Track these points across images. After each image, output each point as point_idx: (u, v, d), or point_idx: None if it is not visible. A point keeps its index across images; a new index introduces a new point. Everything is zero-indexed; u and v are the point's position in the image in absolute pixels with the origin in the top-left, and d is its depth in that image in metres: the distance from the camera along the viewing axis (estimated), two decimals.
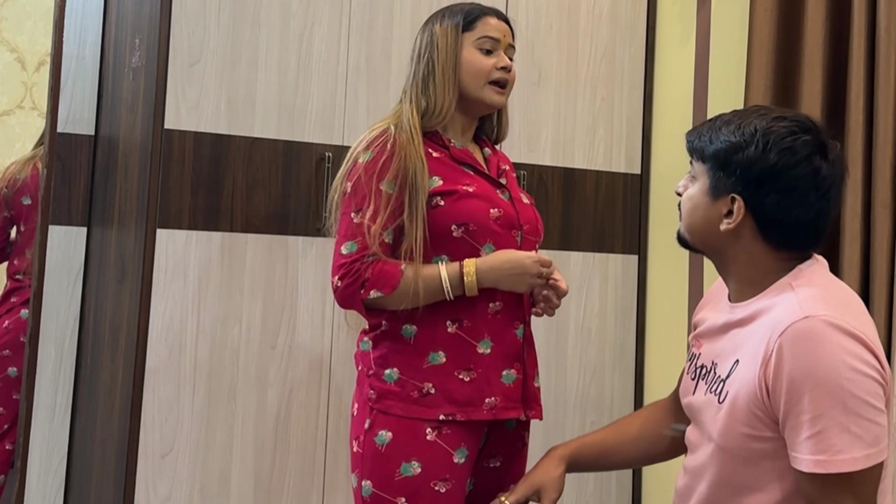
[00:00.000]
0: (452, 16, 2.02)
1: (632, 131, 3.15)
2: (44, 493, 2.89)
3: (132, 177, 2.62)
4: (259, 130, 2.61)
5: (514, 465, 2.03)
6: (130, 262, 2.57)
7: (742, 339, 1.67)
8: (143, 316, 2.48)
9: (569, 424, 3.02)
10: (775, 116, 1.67)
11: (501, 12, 2.07)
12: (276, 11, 2.64)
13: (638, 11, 3.18)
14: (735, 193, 1.65)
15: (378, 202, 1.89)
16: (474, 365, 1.92)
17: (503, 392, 1.94)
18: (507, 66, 2.01)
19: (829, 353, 1.52)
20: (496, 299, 1.95)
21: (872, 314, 2.41)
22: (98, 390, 2.74)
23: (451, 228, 1.92)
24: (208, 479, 2.53)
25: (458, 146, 2.01)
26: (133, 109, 2.67)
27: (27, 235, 2.93)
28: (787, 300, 1.60)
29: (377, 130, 1.96)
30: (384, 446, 1.88)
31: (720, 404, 1.66)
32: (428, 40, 2.01)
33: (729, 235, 1.67)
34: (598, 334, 3.08)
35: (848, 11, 2.55)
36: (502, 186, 2.02)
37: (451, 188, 1.93)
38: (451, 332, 1.92)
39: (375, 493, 1.88)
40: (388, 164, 1.90)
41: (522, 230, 2.00)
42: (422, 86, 1.98)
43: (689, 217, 1.72)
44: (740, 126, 1.67)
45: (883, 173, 2.43)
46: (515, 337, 1.97)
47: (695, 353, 1.81)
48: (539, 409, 2.03)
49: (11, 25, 3.01)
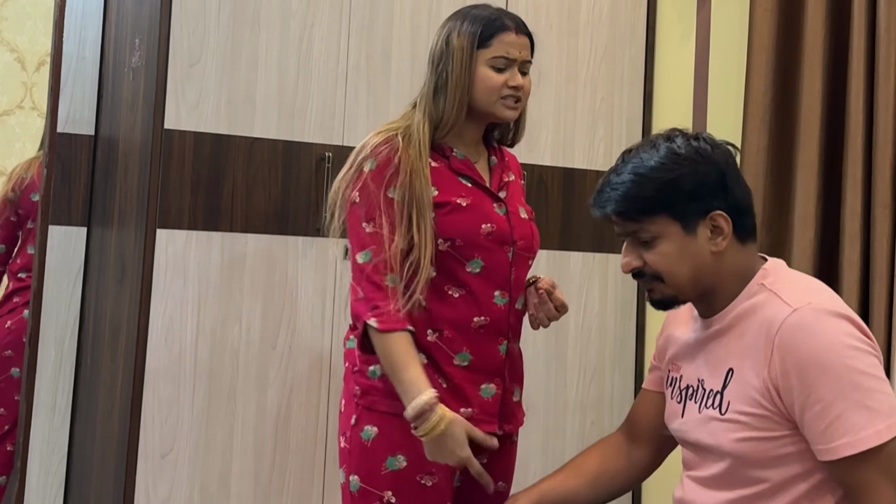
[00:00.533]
0: (471, 25, 1.96)
1: (632, 131, 3.15)
2: (44, 493, 2.89)
3: (132, 177, 2.62)
4: (259, 130, 2.61)
5: (501, 462, 2.02)
6: (130, 263, 2.57)
7: (728, 348, 1.67)
8: (143, 316, 2.48)
9: (569, 424, 3.02)
10: (650, 143, 1.67)
11: (522, 22, 2.01)
12: (276, 11, 2.64)
13: (638, 11, 3.18)
14: (711, 211, 1.64)
15: (391, 212, 1.88)
16: (449, 375, 1.92)
17: (480, 406, 1.94)
18: (519, 84, 1.97)
19: (827, 338, 1.55)
20: (483, 314, 1.94)
21: (872, 314, 2.42)
22: (98, 390, 2.73)
23: (439, 242, 1.91)
24: (208, 479, 2.53)
25: (459, 157, 1.98)
26: (133, 109, 2.67)
27: (34, 231, 2.92)
28: (771, 301, 1.62)
29: (383, 136, 1.94)
30: (370, 441, 1.90)
31: (723, 415, 1.65)
32: (443, 48, 1.97)
33: (718, 256, 1.65)
34: (598, 334, 3.08)
35: (848, 11, 2.55)
36: (500, 200, 2.00)
37: (444, 200, 1.92)
38: (431, 341, 1.92)
39: (363, 488, 1.90)
40: (396, 175, 1.89)
41: (515, 246, 1.98)
42: (434, 97, 1.96)
43: (678, 271, 1.66)
44: (646, 167, 1.64)
45: (883, 173, 2.43)
46: (498, 352, 1.97)
47: (675, 377, 1.79)
48: (517, 421, 2.02)
49: (11, 25, 3.01)
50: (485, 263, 1.93)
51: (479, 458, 1.96)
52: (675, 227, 1.64)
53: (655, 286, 1.69)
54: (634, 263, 1.69)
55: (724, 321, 1.68)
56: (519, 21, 2.01)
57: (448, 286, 1.93)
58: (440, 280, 1.92)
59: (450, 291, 1.93)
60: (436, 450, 1.82)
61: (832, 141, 2.60)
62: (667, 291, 1.68)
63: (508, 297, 1.97)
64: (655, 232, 1.65)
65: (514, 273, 1.99)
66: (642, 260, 1.67)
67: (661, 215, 1.64)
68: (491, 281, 1.95)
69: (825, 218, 2.58)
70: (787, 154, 2.66)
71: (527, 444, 2.91)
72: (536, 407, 2.94)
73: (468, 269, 1.93)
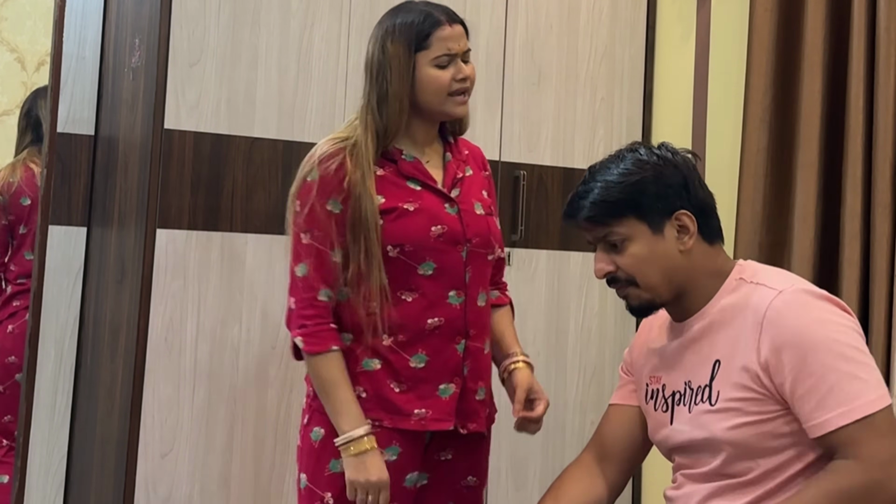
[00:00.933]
0: (404, 29, 1.95)
1: (632, 131, 3.15)
2: (44, 493, 2.89)
3: (132, 177, 2.62)
4: (259, 130, 2.61)
5: (471, 457, 2.02)
6: (130, 262, 2.57)
7: (712, 344, 1.70)
8: (143, 316, 2.48)
9: (569, 424, 3.02)
10: (614, 156, 1.76)
11: (452, 11, 1.99)
12: (276, 11, 2.64)
13: (638, 11, 3.18)
14: (676, 210, 1.70)
15: (329, 226, 1.90)
16: (405, 378, 1.93)
17: (436, 405, 1.94)
18: (465, 75, 1.96)
19: (814, 316, 1.62)
20: (437, 315, 1.94)
21: (872, 314, 2.42)
22: (98, 390, 2.74)
23: (388, 249, 1.92)
24: (208, 479, 2.54)
25: (408, 159, 1.98)
26: (133, 109, 2.67)
27: (28, 237, 2.92)
28: (756, 290, 1.67)
29: (329, 148, 1.94)
30: (317, 442, 1.93)
31: (714, 406, 1.66)
32: (380, 58, 1.96)
33: (686, 254, 1.71)
34: (598, 334, 3.08)
35: (848, 11, 2.55)
36: (451, 200, 1.98)
37: (391, 206, 1.93)
38: (386, 345, 1.93)
39: (308, 487, 1.94)
40: (337, 191, 1.91)
41: (470, 244, 1.98)
42: (378, 108, 1.95)
43: (650, 271, 1.70)
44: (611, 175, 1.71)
45: (883, 173, 2.43)
46: (455, 352, 1.96)
47: (656, 389, 1.80)
48: (482, 421, 2.01)
49: (11, 25, 3.02)
50: (437, 265, 1.93)
51: (445, 454, 1.99)
52: (642, 228, 1.69)
53: (630, 292, 1.73)
54: (607, 268, 1.73)
55: (706, 319, 1.71)
56: (449, 11, 1.99)
57: (400, 291, 1.93)
58: (392, 286, 1.92)
59: (402, 296, 1.93)
60: (357, 469, 1.86)
61: (832, 141, 2.60)
62: (643, 296, 1.72)
63: (465, 296, 1.97)
64: (624, 234, 1.70)
65: (471, 271, 1.98)
66: (614, 264, 1.72)
67: (628, 217, 1.69)
68: (444, 282, 1.95)
69: (825, 218, 2.58)
70: (787, 154, 2.66)
71: (527, 444, 2.91)
72: None
73: (420, 272, 1.93)
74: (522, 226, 2.91)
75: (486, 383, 2.03)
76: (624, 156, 1.74)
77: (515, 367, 2.04)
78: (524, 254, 2.93)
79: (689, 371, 1.73)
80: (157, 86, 2.51)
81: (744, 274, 1.72)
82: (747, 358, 1.63)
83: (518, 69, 2.97)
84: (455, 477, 2.00)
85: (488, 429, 2.06)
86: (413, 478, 1.95)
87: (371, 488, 1.85)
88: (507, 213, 2.89)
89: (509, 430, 2.58)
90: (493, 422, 2.07)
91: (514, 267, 2.90)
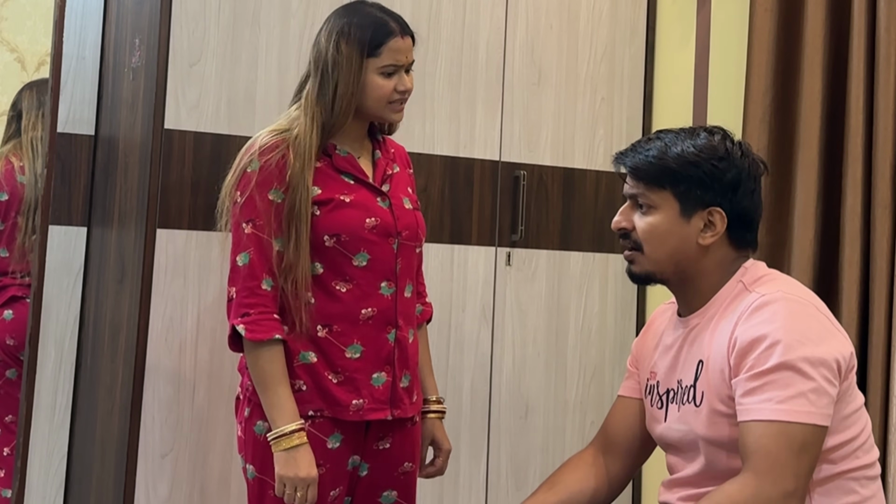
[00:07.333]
0: (360, 31, 2.01)
1: (632, 131, 3.15)
2: (44, 493, 2.88)
3: (132, 177, 2.62)
4: (259, 130, 2.61)
5: (406, 444, 2.11)
6: (130, 263, 2.57)
7: (700, 344, 1.71)
8: (143, 316, 2.48)
9: (569, 424, 3.02)
10: (690, 130, 1.75)
11: (405, 23, 2.07)
12: (276, 11, 2.64)
13: (638, 12, 3.18)
14: (713, 206, 1.69)
15: (270, 215, 1.96)
16: (342, 368, 2.00)
17: (371, 395, 2.01)
18: (406, 88, 2.04)
19: (785, 319, 1.60)
20: (370, 305, 2.01)
21: (872, 314, 2.42)
22: (98, 390, 2.74)
23: (324, 239, 1.98)
24: (208, 479, 2.54)
25: (342, 154, 2.05)
26: (133, 109, 2.67)
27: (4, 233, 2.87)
28: (748, 297, 1.67)
29: (270, 140, 2.00)
30: (262, 436, 2.00)
31: (698, 407, 1.68)
32: (334, 55, 2.01)
33: (703, 249, 1.70)
34: (598, 334, 3.08)
35: (848, 11, 2.56)
36: (383, 194, 2.06)
37: (327, 197, 1.99)
38: (322, 336, 1.99)
39: (259, 478, 2.01)
40: (278, 181, 1.96)
41: (400, 237, 2.06)
42: (324, 102, 2.01)
43: (660, 246, 1.72)
44: (677, 145, 1.70)
45: (883, 173, 2.43)
46: (387, 341, 2.04)
47: (652, 385, 1.82)
48: (406, 406, 2.07)
49: (11, 25, 3.01)
50: (371, 256, 2.01)
51: (383, 443, 2.06)
52: (673, 205, 1.70)
53: (636, 257, 1.75)
54: (624, 224, 1.75)
55: (703, 317, 1.72)
56: (402, 22, 2.07)
57: (335, 281, 2.00)
58: (327, 276, 1.99)
59: (337, 287, 2.00)
60: (287, 464, 1.93)
61: (832, 141, 2.60)
62: (645, 265, 1.74)
63: (395, 286, 2.05)
64: (654, 202, 1.71)
65: (401, 263, 2.06)
66: (632, 223, 1.74)
67: (665, 190, 1.70)
68: (377, 273, 2.02)
69: (825, 218, 2.58)
70: (787, 154, 2.66)
71: (527, 444, 2.91)
72: (536, 407, 2.94)
73: (355, 262, 2.00)
74: (522, 226, 2.91)
75: (413, 371, 2.11)
76: (699, 133, 1.74)
77: (427, 416, 2.19)
78: (524, 254, 2.93)
79: (680, 369, 1.74)
80: (157, 86, 2.51)
81: (744, 277, 1.72)
82: (723, 361, 1.64)
83: (518, 69, 2.96)
84: (393, 465, 2.09)
85: (418, 414, 2.14)
86: (355, 460, 2.04)
87: (300, 484, 1.92)
88: (508, 213, 2.89)
89: (509, 430, 2.58)
90: (421, 407, 2.15)
91: (514, 267, 2.91)
